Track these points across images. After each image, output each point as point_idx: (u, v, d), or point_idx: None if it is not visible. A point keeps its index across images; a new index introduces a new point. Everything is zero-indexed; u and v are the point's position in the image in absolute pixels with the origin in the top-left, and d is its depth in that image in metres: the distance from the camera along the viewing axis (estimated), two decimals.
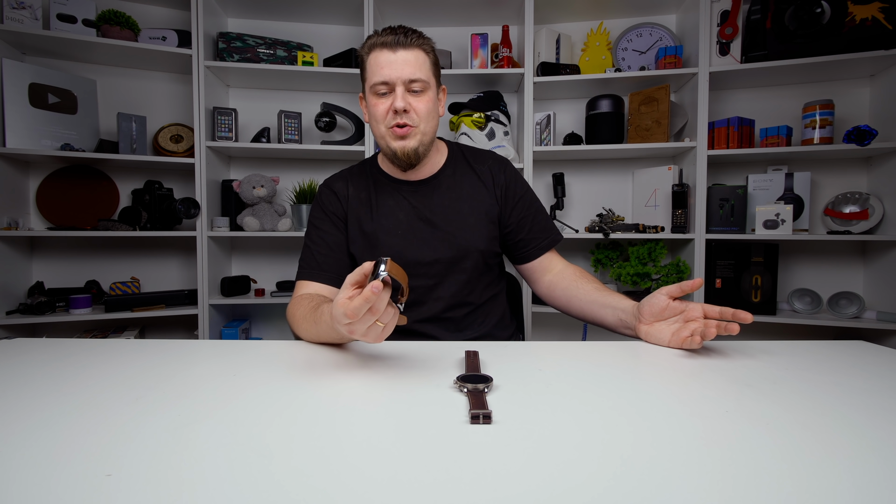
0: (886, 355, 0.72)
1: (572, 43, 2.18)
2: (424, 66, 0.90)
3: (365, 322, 0.57)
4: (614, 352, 0.73)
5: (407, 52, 0.88)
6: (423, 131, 0.92)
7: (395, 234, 0.97)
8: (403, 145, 0.92)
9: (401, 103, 0.88)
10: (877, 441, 0.42)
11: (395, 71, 0.88)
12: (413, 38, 0.89)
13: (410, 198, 0.99)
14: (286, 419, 0.46)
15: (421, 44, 0.90)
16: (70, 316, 1.82)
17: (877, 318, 1.83)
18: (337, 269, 0.96)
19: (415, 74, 0.89)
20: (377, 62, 0.89)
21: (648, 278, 1.98)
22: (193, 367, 0.64)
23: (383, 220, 0.98)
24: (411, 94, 0.90)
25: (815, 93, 2.00)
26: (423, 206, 0.98)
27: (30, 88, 1.81)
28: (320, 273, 0.96)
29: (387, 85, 0.89)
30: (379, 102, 0.91)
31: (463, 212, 0.99)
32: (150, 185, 2.02)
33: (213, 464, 0.37)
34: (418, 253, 0.97)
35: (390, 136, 0.92)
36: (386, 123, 0.91)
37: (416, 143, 0.92)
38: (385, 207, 0.99)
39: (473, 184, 1.01)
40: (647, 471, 0.36)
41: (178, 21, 2.10)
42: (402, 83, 0.88)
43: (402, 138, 0.91)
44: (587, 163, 2.23)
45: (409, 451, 0.39)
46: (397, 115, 0.89)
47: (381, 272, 0.56)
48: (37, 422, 0.45)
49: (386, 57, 0.88)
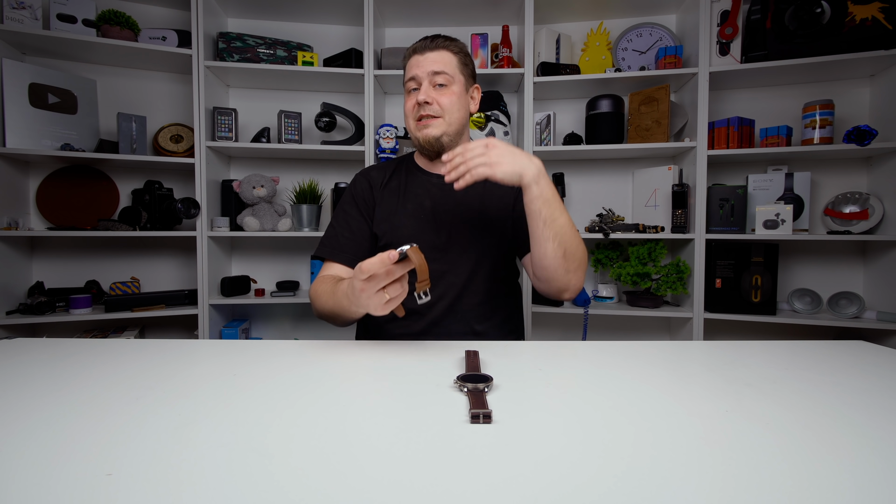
0: (886, 355, 0.72)
1: (572, 43, 2.18)
2: (450, 63, 1.00)
3: (377, 283, 0.67)
4: (614, 352, 0.73)
5: (434, 53, 1.00)
6: (448, 122, 1.00)
7: (419, 217, 1.04)
8: (426, 133, 1.00)
9: (422, 96, 0.98)
10: (877, 441, 0.42)
11: (422, 68, 0.99)
12: (440, 41, 1.01)
13: (438, 189, 1.06)
14: (286, 419, 0.46)
15: (447, 45, 1.01)
16: (70, 316, 1.82)
17: (877, 318, 1.83)
18: (354, 251, 1.03)
19: (437, 67, 0.98)
20: (409, 65, 1.02)
21: (648, 278, 1.98)
22: (193, 367, 0.64)
23: (409, 205, 1.05)
24: (436, 88, 0.99)
25: (815, 93, 2.00)
26: (450, 196, 1.04)
27: (30, 88, 1.81)
28: (340, 254, 1.03)
29: (415, 80, 1.00)
30: (408, 99, 1.02)
31: (486, 205, 1.05)
32: (150, 185, 2.02)
33: (213, 464, 0.37)
34: (436, 237, 1.02)
35: (415, 128, 1.02)
36: (414, 116, 1.01)
37: (440, 132, 1.00)
38: (413, 195, 1.06)
39: (494, 183, 1.04)
40: (647, 470, 0.36)
41: (178, 21, 2.10)
42: (427, 78, 0.99)
43: (426, 128, 1.00)
44: (587, 163, 2.23)
45: (409, 451, 0.39)
46: (420, 108, 0.99)
47: (403, 248, 0.65)
48: (37, 422, 0.45)
49: (416, 59, 1.01)
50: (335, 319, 0.95)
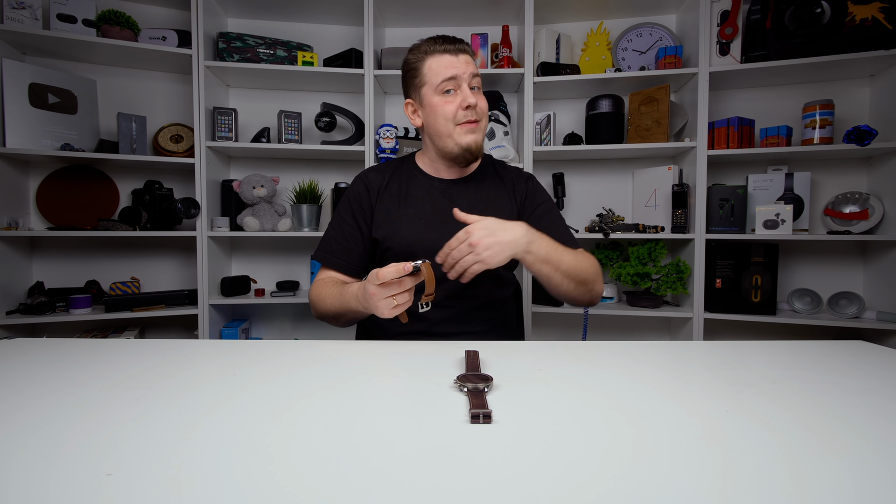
0: (886, 355, 0.72)
1: (572, 43, 2.18)
2: (475, 67, 1.00)
3: (388, 290, 0.75)
4: (614, 352, 0.73)
5: (466, 56, 0.99)
6: (483, 127, 1.01)
7: (420, 221, 1.02)
8: (475, 139, 0.99)
9: (472, 99, 0.96)
10: (877, 441, 0.42)
11: (461, 69, 0.96)
12: (464, 44, 1.00)
13: (440, 194, 1.05)
14: (286, 419, 0.46)
15: (468, 49, 1.01)
16: (70, 316, 1.82)
17: (877, 318, 1.83)
18: (346, 258, 1.04)
19: (475, 69, 0.98)
20: (440, 64, 0.97)
21: (648, 278, 1.98)
22: (193, 367, 0.64)
23: (409, 209, 1.04)
24: (473, 92, 0.98)
25: (815, 93, 2.00)
26: (452, 201, 1.04)
27: (30, 88, 1.81)
28: (333, 260, 1.04)
29: (454, 81, 0.96)
30: (446, 101, 0.97)
31: (490, 208, 1.03)
32: (150, 185, 2.02)
33: (213, 464, 0.37)
34: (437, 241, 1.01)
35: (462, 132, 0.98)
36: (457, 120, 0.97)
37: (482, 136, 1.01)
38: (414, 199, 1.05)
39: (499, 191, 1.08)
40: (647, 470, 0.36)
41: (178, 21, 2.10)
42: (468, 80, 0.97)
43: (472, 132, 0.98)
44: (587, 163, 2.23)
45: (410, 451, 0.39)
46: (469, 111, 0.96)
47: (417, 263, 0.72)
48: (37, 422, 0.45)
49: (449, 60, 0.97)
50: (337, 320, 0.96)
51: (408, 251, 1.00)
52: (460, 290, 1.00)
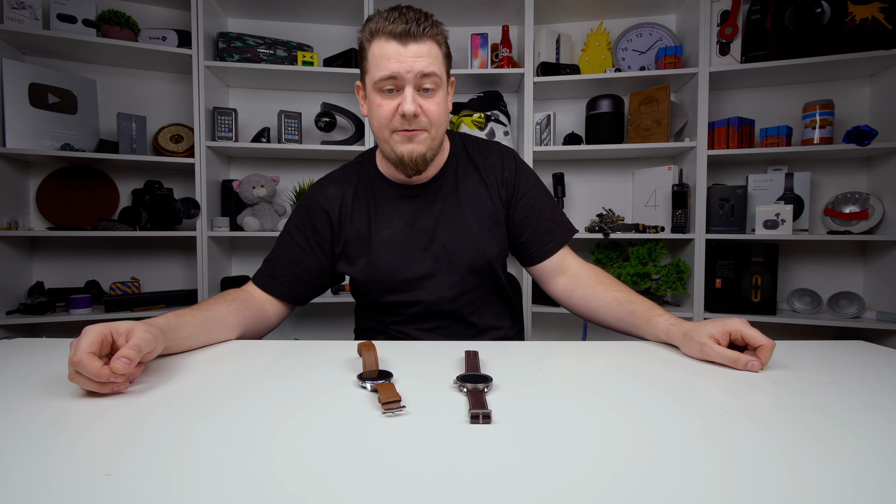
0: (886, 355, 0.71)
1: (572, 43, 2.18)
2: (437, 59, 0.79)
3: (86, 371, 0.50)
4: (614, 352, 0.73)
5: (419, 46, 0.77)
6: (434, 136, 0.83)
7: (394, 247, 0.91)
8: (412, 150, 0.81)
9: (410, 107, 0.77)
10: (877, 441, 0.42)
11: (405, 65, 0.76)
12: (426, 27, 0.77)
13: (409, 204, 0.92)
14: (286, 419, 0.46)
15: (434, 34, 0.79)
16: (70, 316, 1.82)
17: (877, 318, 1.83)
18: (291, 284, 0.92)
19: (428, 68, 0.77)
20: (383, 53, 0.77)
21: (648, 278, 1.98)
22: (194, 367, 0.64)
23: (382, 231, 0.91)
24: (422, 93, 0.79)
25: (815, 93, 2.00)
26: (424, 214, 0.92)
27: (30, 88, 1.81)
28: (278, 289, 0.92)
29: (394, 80, 0.77)
30: (384, 102, 0.80)
31: (465, 218, 0.92)
32: (150, 185, 2.02)
33: (213, 464, 0.37)
34: (417, 268, 0.91)
35: (396, 140, 0.82)
36: (391, 127, 0.81)
37: (426, 147, 0.82)
38: (383, 216, 0.92)
39: (476, 185, 0.93)
40: (646, 471, 0.36)
41: (178, 21, 2.10)
42: (412, 80, 0.77)
43: (409, 141, 0.81)
44: (587, 163, 2.23)
45: (409, 451, 0.39)
46: (406, 120, 0.79)
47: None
48: (37, 422, 0.45)
49: (394, 48, 0.76)
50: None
51: (387, 281, 0.91)
52: (458, 295, 0.95)
